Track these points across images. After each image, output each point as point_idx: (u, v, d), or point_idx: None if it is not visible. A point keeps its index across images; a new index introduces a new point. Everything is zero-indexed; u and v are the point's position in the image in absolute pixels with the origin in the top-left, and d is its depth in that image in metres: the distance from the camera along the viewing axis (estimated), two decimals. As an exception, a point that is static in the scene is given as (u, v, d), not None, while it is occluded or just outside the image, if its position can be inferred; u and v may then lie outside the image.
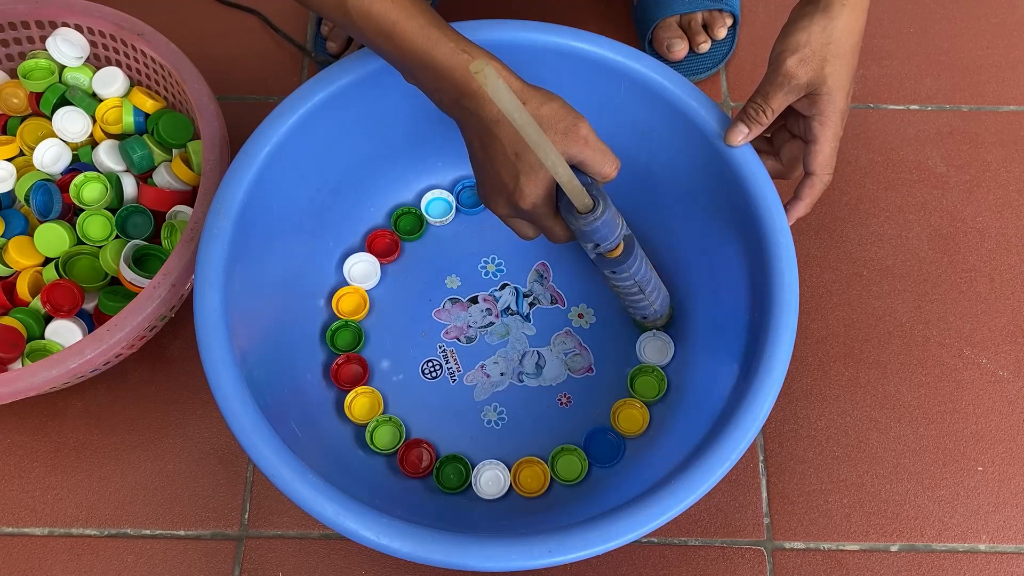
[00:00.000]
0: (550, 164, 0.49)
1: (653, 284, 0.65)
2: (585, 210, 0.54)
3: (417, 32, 0.54)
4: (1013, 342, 0.76)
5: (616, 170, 0.57)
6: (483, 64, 0.42)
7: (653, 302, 0.66)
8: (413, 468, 0.70)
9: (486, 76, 0.42)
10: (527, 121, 0.46)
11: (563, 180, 0.51)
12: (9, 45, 0.80)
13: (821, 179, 0.63)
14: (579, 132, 0.55)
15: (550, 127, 0.55)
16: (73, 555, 0.70)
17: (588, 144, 0.56)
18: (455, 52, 0.54)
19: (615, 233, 0.57)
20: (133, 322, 0.64)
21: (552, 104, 0.55)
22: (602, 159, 0.56)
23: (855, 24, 0.60)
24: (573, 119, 0.55)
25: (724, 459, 0.56)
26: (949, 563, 0.69)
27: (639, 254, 0.61)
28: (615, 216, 0.56)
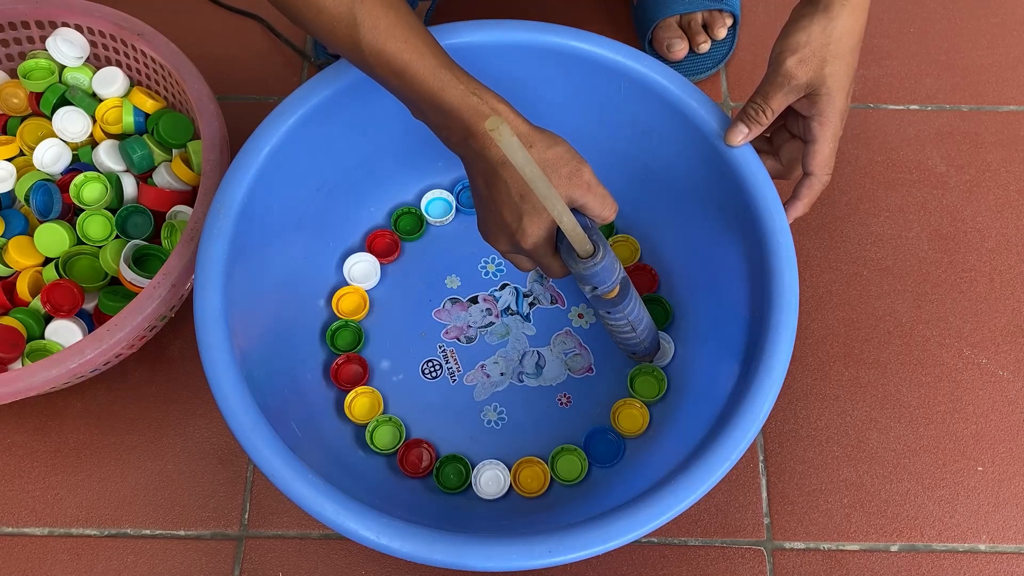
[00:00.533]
0: (556, 214, 0.51)
1: (645, 323, 0.66)
2: (586, 255, 0.56)
3: (428, 73, 0.55)
4: (1013, 342, 0.76)
5: (614, 214, 0.59)
6: (499, 122, 0.44)
7: (643, 340, 0.67)
8: (413, 468, 0.70)
9: (501, 134, 0.44)
10: (537, 175, 0.48)
11: (567, 229, 0.53)
12: (9, 45, 0.80)
13: (820, 179, 0.63)
14: (582, 177, 0.57)
15: (554, 171, 0.56)
16: (73, 555, 0.70)
17: (590, 189, 0.57)
18: (465, 94, 0.55)
19: (613, 277, 0.58)
20: (133, 322, 0.64)
21: (557, 148, 0.57)
22: (602, 203, 0.58)
23: (855, 24, 0.60)
24: (577, 164, 0.57)
25: (724, 459, 0.56)
26: (949, 563, 0.69)
27: (633, 295, 0.62)
28: (614, 260, 0.58)
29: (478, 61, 0.69)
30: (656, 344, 0.71)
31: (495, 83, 0.71)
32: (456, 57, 0.68)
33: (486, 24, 0.68)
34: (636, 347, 0.68)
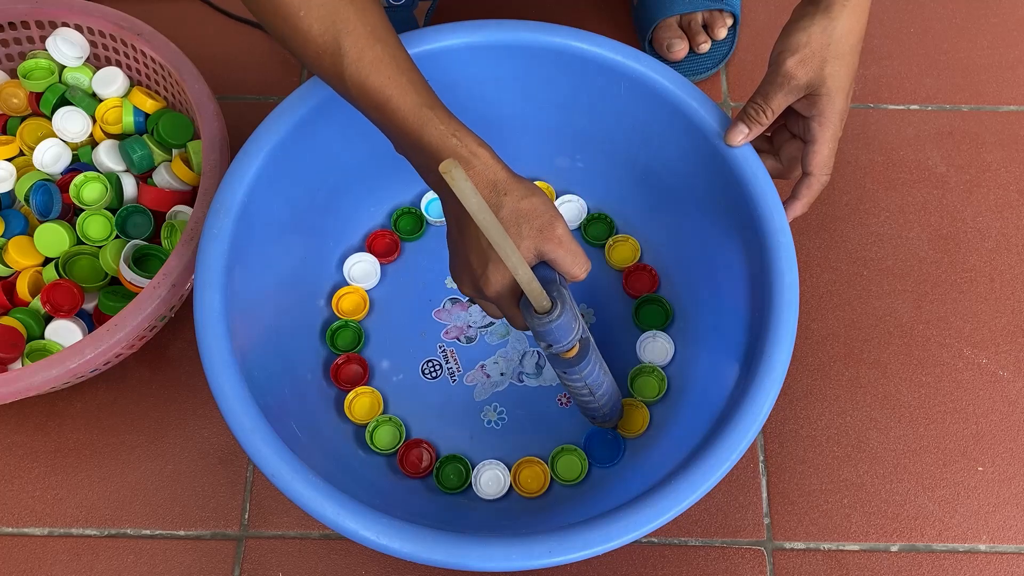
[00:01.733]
0: (511, 265, 0.50)
1: (605, 388, 0.63)
2: (542, 311, 0.54)
3: (409, 110, 0.55)
4: (1013, 342, 0.76)
5: (586, 272, 0.57)
6: (452, 165, 0.43)
7: (603, 406, 0.65)
8: (413, 468, 0.70)
9: (454, 178, 0.44)
10: (491, 223, 0.47)
11: (522, 281, 0.51)
12: (9, 45, 0.80)
13: (819, 179, 0.63)
14: (555, 231, 0.55)
15: (527, 221, 0.55)
16: (73, 555, 0.70)
17: (562, 244, 0.56)
18: (444, 135, 0.55)
19: (569, 336, 0.56)
20: (133, 322, 0.64)
21: (533, 199, 0.55)
22: (573, 260, 0.56)
23: (856, 25, 0.60)
24: (551, 217, 0.56)
25: (724, 459, 0.56)
26: (949, 563, 0.69)
27: (593, 358, 0.60)
28: (572, 320, 0.55)
29: (479, 61, 0.70)
30: (618, 411, 0.68)
31: (496, 83, 0.72)
32: (456, 57, 0.69)
33: (486, 24, 0.68)
34: (594, 412, 0.66)
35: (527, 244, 0.55)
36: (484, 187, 0.55)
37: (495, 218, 0.47)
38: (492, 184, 0.55)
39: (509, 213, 0.55)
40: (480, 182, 0.55)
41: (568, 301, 0.55)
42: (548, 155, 0.78)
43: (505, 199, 0.55)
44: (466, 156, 0.55)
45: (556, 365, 0.59)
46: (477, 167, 0.55)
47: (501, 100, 0.73)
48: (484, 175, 0.55)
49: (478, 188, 0.55)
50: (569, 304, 0.55)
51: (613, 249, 0.77)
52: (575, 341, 0.56)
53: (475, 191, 0.45)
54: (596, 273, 0.77)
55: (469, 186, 0.45)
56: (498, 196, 0.55)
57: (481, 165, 0.55)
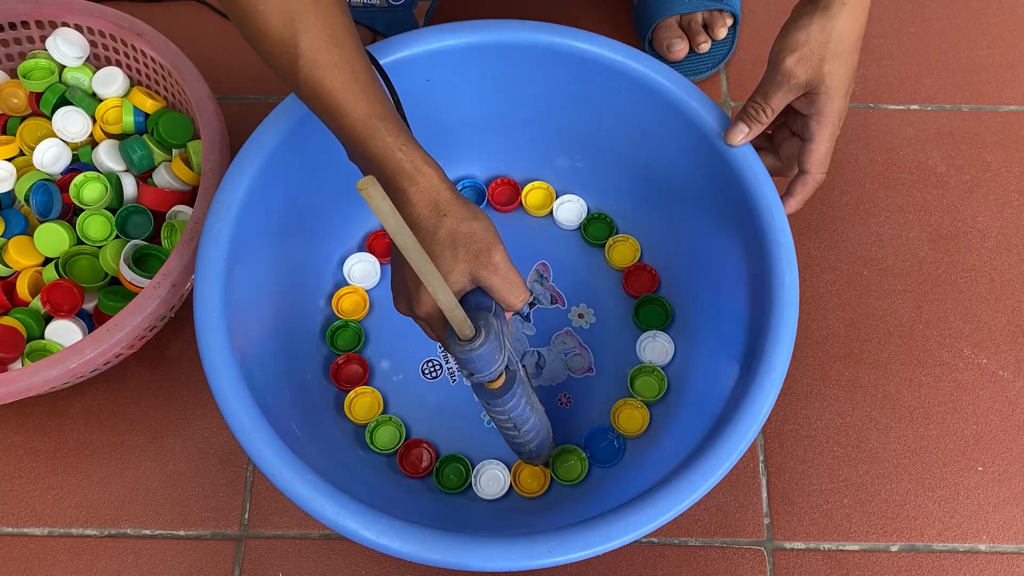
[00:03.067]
0: (432, 289, 0.49)
1: (531, 425, 0.61)
2: (464, 339, 0.53)
3: (358, 119, 0.54)
4: (1013, 342, 0.76)
5: (522, 302, 0.57)
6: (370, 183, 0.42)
7: (528, 442, 0.63)
8: (413, 468, 0.70)
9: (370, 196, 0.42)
10: (412, 246, 0.46)
11: (443, 307, 0.50)
12: (9, 45, 0.80)
13: (814, 177, 0.63)
14: (491, 257, 0.55)
15: (464, 245, 0.54)
16: (73, 555, 0.70)
17: (497, 271, 0.55)
18: (390, 149, 0.54)
19: (491, 368, 0.54)
20: (133, 322, 0.64)
21: (473, 223, 0.55)
22: (509, 288, 0.56)
23: (855, 23, 0.60)
24: (489, 243, 0.55)
25: (724, 459, 0.56)
26: (949, 563, 0.69)
27: (520, 392, 0.58)
28: (496, 351, 0.54)
29: (478, 61, 0.70)
30: (546, 451, 0.66)
31: (496, 83, 0.72)
32: (456, 57, 0.69)
33: (486, 24, 0.68)
34: (519, 447, 0.64)
35: (461, 268, 0.54)
36: (425, 206, 0.54)
37: (415, 241, 0.46)
38: (434, 203, 0.54)
39: (446, 234, 0.54)
40: (421, 200, 0.54)
41: (495, 331, 0.53)
42: (548, 155, 0.78)
43: (444, 220, 0.54)
44: (410, 172, 0.54)
45: (480, 394, 0.57)
46: (421, 184, 0.54)
47: (501, 100, 0.73)
48: (427, 193, 0.54)
49: (419, 206, 0.54)
50: (496, 334, 0.53)
51: (613, 249, 0.77)
52: (498, 373, 0.55)
53: (394, 211, 0.43)
54: (596, 273, 0.77)
55: (387, 206, 0.43)
56: (438, 216, 0.54)
57: (425, 182, 0.54)
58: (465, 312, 0.52)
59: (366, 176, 0.42)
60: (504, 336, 0.55)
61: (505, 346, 0.55)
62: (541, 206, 0.79)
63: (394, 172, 0.54)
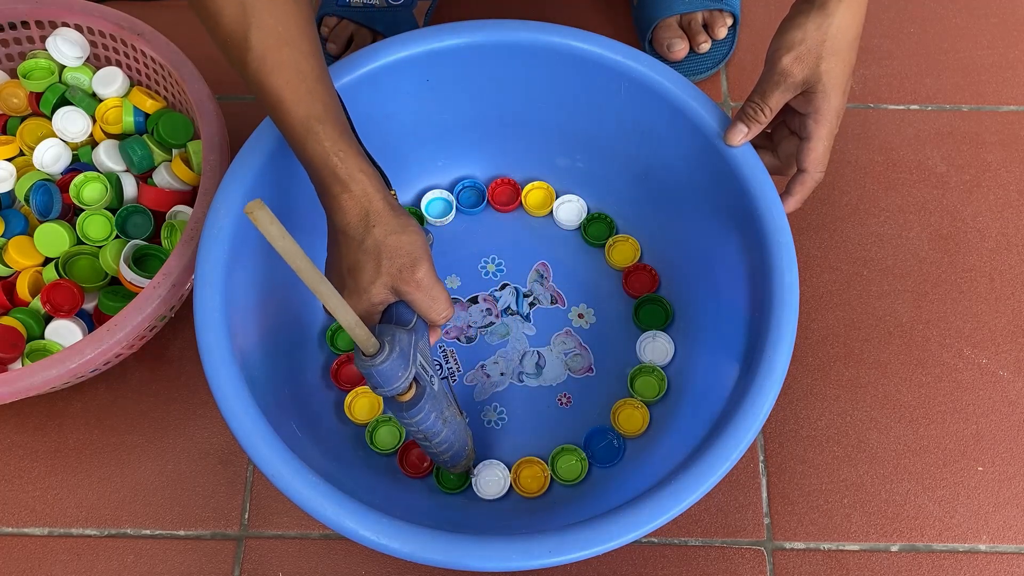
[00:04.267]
0: (331, 307, 0.49)
1: (443, 438, 0.61)
2: (367, 354, 0.53)
3: (298, 120, 0.54)
4: (1013, 342, 0.76)
5: (443, 318, 0.57)
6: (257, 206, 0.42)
7: (441, 453, 0.63)
8: (413, 468, 0.70)
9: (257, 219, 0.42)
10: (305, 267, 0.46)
11: (343, 325, 0.50)
12: (9, 45, 0.80)
13: (813, 176, 0.63)
14: (415, 272, 0.55)
15: (388, 258, 0.55)
16: (73, 555, 0.70)
17: (420, 287, 0.56)
18: (326, 153, 0.54)
19: (394, 384, 0.54)
20: (133, 322, 0.64)
21: (402, 237, 0.55)
22: (430, 304, 0.56)
23: (852, 21, 0.60)
24: (415, 258, 0.55)
25: (724, 459, 0.56)
26: (949, 563, 0.69)
27: (429, 409, 0.58)
28: (400, 368, 0.54)
29: (479, 61, 0.70)
30: (462, 462, 0.66)
31: (496, 83, 0.72)
32: (456, 57, 0.69)
33: (486, 24, 0.68)
34: (433, 457, 0.64)
35: (383, 280, 0.55)
36: (355, 214, 0.54)
37: (309, 262, 0.46)
38: (364, 213, 0.55)
39: (372, 244, 0.54)
40: (352, 207, 0.54)
41: (402, 348, 0.53)
42: (548, 155, 0.78)
43: (373, 230, 0.54)
44: (343, 178, 0.54)
45: (388, 404, 0.58)
46: (354, 191, 0.54)
47: (501, 100, 0.73)
48: (359, 202, 0.54)
49: (349, 214, 0.54)
50: (403, 351, 0.53)
51: (613, 249, 0.77)
52: (401, 388, 0.55)
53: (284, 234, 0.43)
54: (596, 273, 0.77)
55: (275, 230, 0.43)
56: (366, 226, 0.55)
57: (359, 191, 0.54)
58: (379, 326, 0.53)
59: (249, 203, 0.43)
60: (414, 351, 0.55)
61: (414, 361, 0.55)
62: (541, 206, 0.79)
63: (328, 177, 0.54)
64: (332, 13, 0.88)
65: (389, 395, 0.55)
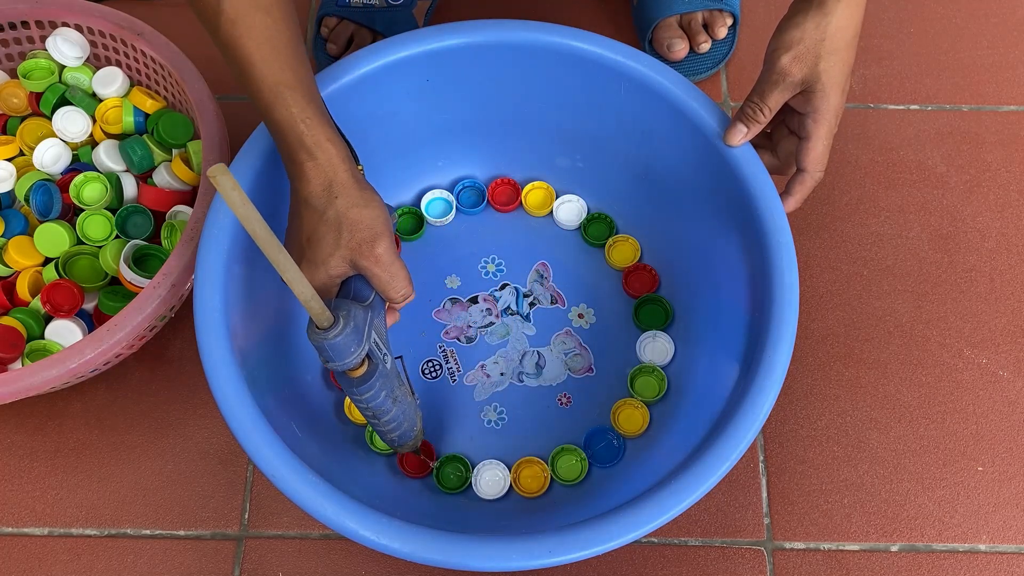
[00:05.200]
0: (287, 279, 0.48)
1: (392, 416, 0.61)
2: (321, 327, 0.53)
3: (267, 84, 0.54)
4: (1013, 342, 0.76)
5: (402, 297, 0.57)
6: (220, 171, 0.42)
7: (390, 432, 0.63)
8: (413, 468, 0.70)
9: (220, 184, 0.42)
10: (264, 236, 0.46)
11: (299, 297, 0.50)
12: (9, 45, 0.80)
13: (812, 176, 0.63)
14: (375, 248, 0.55)
15: (349, 231, 0.55)
16: (73, 555, 0.70)
17: (379, 262, 0.55)
18: (293, 119, 0.54)
19: (346, 358, 0.54)
20: (133, 322, 0.64)
21: (364, 211, 0.55)
22: (388, 281, 0.56)
23: (851, 20, 0.60)
24: (377, 233, 0.55)
25: (724, 459, 0.56)
26: (949, 563, 0.69)
27: (381, 385, 0.58)
28: (354, 343, 0.54)
29: (479, 61, 0.70)
30: (410, 441, 0.66)
31: (496, 83, 0.72)
32: (456, 57, 0.69)
33: (486, 24, 0.68)
34: (383, 436, 0.64)
35: (342, 253, 0.55)
36: (319, 184, 0.54)
37: (268, 231, 0.45)
38: (327, 183, 0.54)
39: (334, 216, 0.54)
40: (317, 177, 0.54)
41: (357, 323, 0.53)
42: (548, 155, 0.78)
43: (336, 201, 0.54)
44: (309, 146, 0.54)
45: (339, 379, 0.58)
46: (320, 160, 0.54)
47: (501, 100, 0.73)
48: (323, 172, 0.54)
49: (312, 183, 0.54)
50: (357, 327, 0.53)
51: (613, 249, 0.77)
52: (353, 364, 0.55)
53: (245, 202, 0.43)
54: (596, 273, 0.77)
55: (236, 196, 0.42)
56: (329, 198, 0.54)
57: (324, 159, 0.54)
58: (335, 300, 0.53)
59: (212, 167, 0.42)
60: (369, 328, 0.55)
61: (368, 338, 0.55)
62: (541, 206, 0.79)
63: (294, 144, 0.54)
64: (332, 13, 0.88)
65: (340, 370, 0.55)
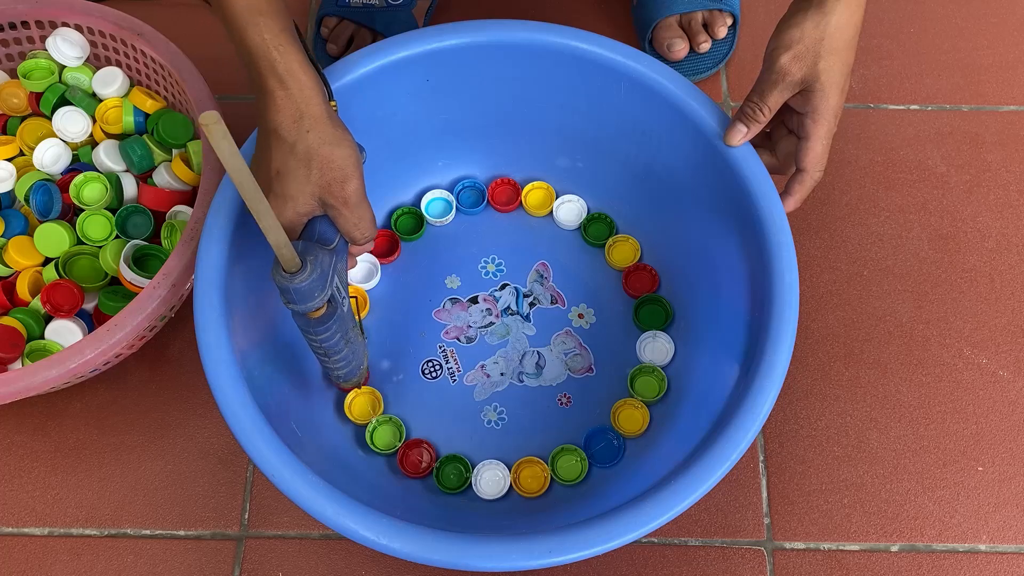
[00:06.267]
0: (263, 227, 0.48)
1: (342, 356, 0.63)
2: (288, 271, 0.53)
3: (240, 8, 0.53)
4: (1013, 342, 0.76)
5: (367, 241, 0.56)
6: (213, 119, 0.41)
7: (337, 370, 0.65)
8: (413, 468, 0.70)
9: (211, 133, 0.41)
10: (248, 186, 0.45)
11: (272, 243, 0.50)
12: (9, 45, 0.80)
13: (811, 175, 0.63)
14: (344, 188, 0.54)
15: (319, 169, 0.54)
16: (73, 555, 0.70)
17: (347, 204, 0.55)
18: (266, 45, 0.53)
19: (309, 303, 0.55)
20: (133, 322, 0.64)
21: (336, 149, 0.54)
22: (355, 223, 0.55)
23: (850, 20, 0.60)
24: (347, 174, 0.54)
25: (724, 459, 0.56)
26: (949, 563, 0.69)
27: (337, 328, 0.59)
28: (318, 288, 0.54)
29: (479, 61, 0.70)
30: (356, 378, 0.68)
31: (496, 83, 0.72)
32: (456, 57, 0.69)
33: (486, 24, 0.68)
34: (328, 371, 0.66)
35: (311, 190, 0.54)
36: (289, 115, 0.53)
37: (253, 182, 0.44)
38: (299, 115, 0.53)
39: (304, 151, 0.53)
40: (287, 106, 0.52)
41: (322, 269, 0.53)
42: (548, 155, 0.78)
43: (307, 136, 0.53)
44: (281, 73, 0.52)
45: (297, 318, 0.58)
46: (292, 90, 0.52)
47: (501, 100, 0.73)
48: (294, 102, 0.52)
49: (282, 112, 0.52)
50: (323, 272, 0.54)
51: (613, 249, 0.77)
52: (314, 308, 0.55)
53: (235, 152, 0.42)
54: (596, 273, 0.77)
55: (227, 146, 0.41)
56: (300, 130, 0.53)
57: (296, 89, 0.52)
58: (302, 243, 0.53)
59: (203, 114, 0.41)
60: (333, 273, 0.55)
61: (331, 283, 0.55)
62: (541, 206, 0.79)
63: (265, 71, 0.53)
64: (332, 13, 0.88)
65: (301, 312, 0.56)
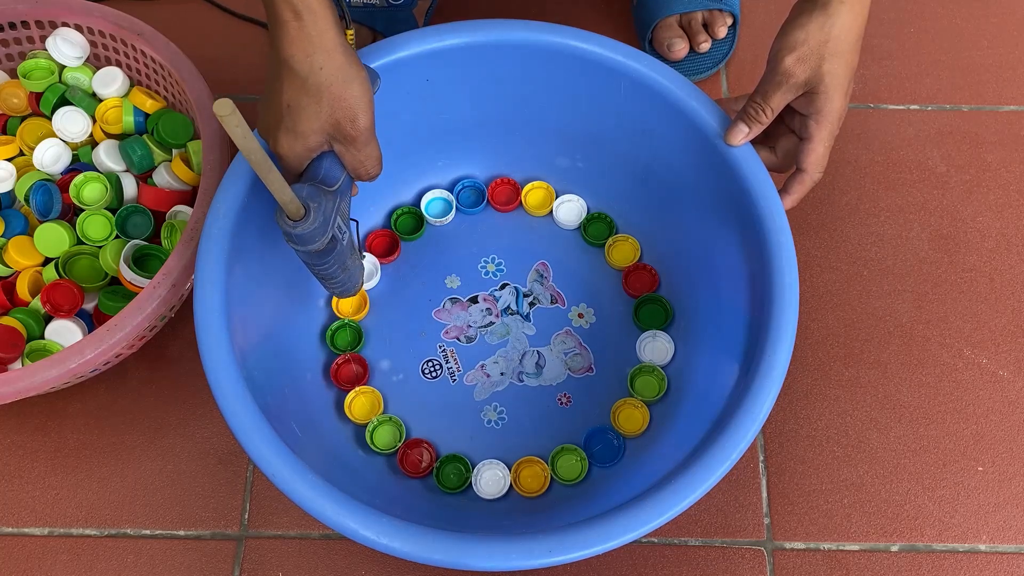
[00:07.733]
0: (272, 189, 0.48)
1: (339, 280, 0.64)
2: (292, 218, 0.53)
3: None
4: (1013, 342, 0.76)
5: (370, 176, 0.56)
6: (228, 108, 0.41)
7: (332, 287, 0.65)
8: (413, 468, 0.70)
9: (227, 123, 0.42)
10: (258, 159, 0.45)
11: (278, 198, 0.50)
12: (9, 45, 0.80)
13: (811, 176, 0.63)
14: (353, 126, 0.54)
15: (330, 104, 0.53)
16: (73, 555, 0.70)
17: (356, 142, 0.55)
18: None
19: (311, 245, 0.55)
20: (133, 322, 0.64)
21: (348, 87, 0.53)
22: (361, 159, 0.55)
23: (854, 22, 0.60)
24: (358, 112, 0.54)
25: (724, 459, 0.56)
26: (949, 563, 0.69)
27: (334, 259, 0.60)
28: (320, 233, 0.55)
29: (479, 61, 0.70)
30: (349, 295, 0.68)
31: (496, 83, 0.72)
32: (456, 57, 0.69)
33: (486, 24, 0.68)
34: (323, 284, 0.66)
35: (320, 126, 0.54)
36: (302, 49, 0.52)
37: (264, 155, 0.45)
38: (312, 49, 0.52)
39: (315, 87, 0.53)
40: (301, 39, 0.52)
41: (325, 215, 0.54)
42: (548, 155, 0.78)
43: (320, 72, 0.52)
44: (295, 4, 0.51)
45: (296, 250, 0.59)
46: (306, 22, 0.51)
47: (501, 100, 0.73)
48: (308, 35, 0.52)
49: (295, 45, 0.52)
50: (325, 218, 0.54)
51: (613, 249, 0.77)
52: (314, 249, 0.56)
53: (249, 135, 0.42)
54: (596, 273, 0.77)
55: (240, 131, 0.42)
56: (312, 65, 0.52)
57: (310, 21, 0.52)
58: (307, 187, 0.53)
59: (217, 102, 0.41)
60: (335, 216, 0.56)
61: (333, 225, 0.56)
62: (541, 206, 0.79)
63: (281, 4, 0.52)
64: (332, 13, 0.88)
65: (301, 250, 0.57)
